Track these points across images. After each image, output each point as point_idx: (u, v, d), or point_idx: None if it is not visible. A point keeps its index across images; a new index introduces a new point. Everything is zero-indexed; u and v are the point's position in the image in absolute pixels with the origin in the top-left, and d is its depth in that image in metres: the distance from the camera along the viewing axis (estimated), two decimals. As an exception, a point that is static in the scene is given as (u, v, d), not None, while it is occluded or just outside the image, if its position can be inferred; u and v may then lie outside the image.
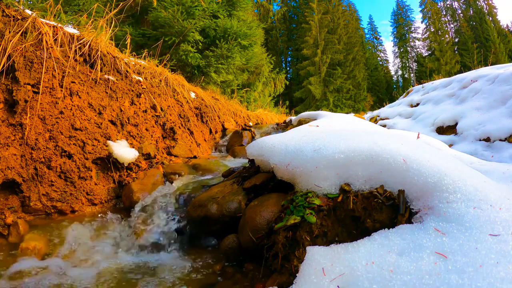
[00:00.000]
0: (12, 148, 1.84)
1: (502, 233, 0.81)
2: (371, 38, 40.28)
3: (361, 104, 25.50)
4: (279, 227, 1.25)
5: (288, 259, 1.18)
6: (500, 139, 2.88)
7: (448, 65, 26.85)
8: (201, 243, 1.71)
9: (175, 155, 2.83)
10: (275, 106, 11.30)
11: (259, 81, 9.64)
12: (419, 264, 0.80)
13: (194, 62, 4.95)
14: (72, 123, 2.09)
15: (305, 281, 0.90)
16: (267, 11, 23.81)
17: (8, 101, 1.89)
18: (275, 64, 13.04)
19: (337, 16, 27.50)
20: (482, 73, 4.20)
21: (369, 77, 31.56)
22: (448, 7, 34.53)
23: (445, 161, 1.14)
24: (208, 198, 1.73)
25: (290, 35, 30.67)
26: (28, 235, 1.71)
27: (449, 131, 3.65)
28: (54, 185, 1.97)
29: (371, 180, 1.17)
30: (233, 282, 1.32)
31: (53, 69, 2.08)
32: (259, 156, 1.72)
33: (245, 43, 5.47)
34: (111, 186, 2.25)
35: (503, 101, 3.28)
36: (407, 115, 4.96)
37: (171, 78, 3.40)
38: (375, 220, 1.09)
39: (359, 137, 1.40)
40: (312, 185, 1.28)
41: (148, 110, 2.77)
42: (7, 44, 1.87)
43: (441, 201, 0.96)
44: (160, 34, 4.66)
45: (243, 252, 1.45)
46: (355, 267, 0.87)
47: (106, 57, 2.51)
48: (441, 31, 31.64)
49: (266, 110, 7.75)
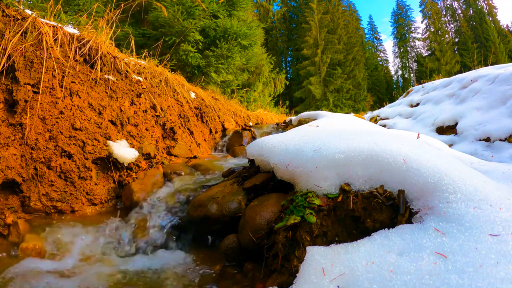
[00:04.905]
0: (12, 148, 1.84)
1: (502, 233, 0.81)
2: (371, 38, 40.29)
3: (361, 104, 25.50)
4: (279, 227, 1.25)
5: (288, 259, 1.18)
6: (500, 139, 2.88)
7: (448, 65, 26.84)
8: (201, 243, 1.71)
9: (175, 155, 2.83)
10: (275, 106, 11.29)
11: (259, 81, 9.64)
12: (419, 264, 0.80)
13: (194, 62, 4.95)
14: (72, 123, 2.09)
15: (305, 281, 0.90)
16: (267, 11, 23.81)
17: (8, 101, 1.89)
18: (275, 64, 13.04)
19: (337, 16, 27.50)
20: (482, 73, 4.19)
21: (369, 77, 31.56)
22: (448, 7, 34.53)
23: (445, 161, 1.14)
24: (208, 198, 1.73)
25: (290, 35, 30.67)
26: (28, 235, 1.70)
27: (449, 131, 3.65)
28: (54, 185, 1.97)
29: (371, 180, 1.17)
30: (233, 282, 1.32)
31: (53, 69, 2.08)
32: (259, 156, 1.72)
33: (245, 43, 5.47)
34: (111, 186, 2.25)
35: (503, 101, 3.28)
36: (407, 115, 4.96)
37: (171, 78, 3.40)
38: (375, 220, 1.09)
39: (359, 137, 1.40)
40: (312, 185, 1.28)
41: (148, 110, 2.77)
42: (7, 44, 1.87)
43: (441, 201, 0.96)
44: (160, 34, 4.66)
45: (243, 252, 1.45)
46: (355, 267, 0.87)
47: (106, 57, 2.51)
48: (441, 31, 31.63)
49: (266, 110, 7.75)
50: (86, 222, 1.93)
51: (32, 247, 1.61)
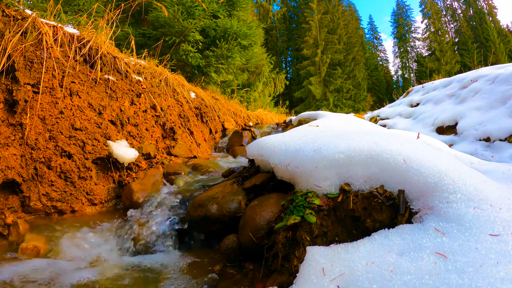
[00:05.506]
0: (12, 148, 1.84)
1: (502, 233, 0.81)
2: (371, 38, 40.32)
3: (361, 104, 25.50)
4: (279, 227, 1.25)
5: (288, 259, 1.18)
6: (500, 139, 2.88)
7: (448, 65, 26.84)
8: (201, 243, 1.71)
9: (175, 155, 2.83)
10: (275, 106, 11.30)
11: (259, 81, 9.63)
12: (419, 264, 0.80)
13: (194, 62, 4.95)
14: (72, 123, 2.09)
15: (305, 281, 0.90)
16: (267, 11, 23.82)
17: (8, 101, 1.89)
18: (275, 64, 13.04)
19: (337, 16, 27.51)
20: (482, 73, 4.20)
21: (369, 77, 31.58)
22: (448, 7, 34.55)
23: (445, 161, 1.14)
24: (208, 198, 1.73)
25: (290, 35, 30.69)
26: (28, 235, 1.70)
27: (449, 131, 3.65)
28: (54, 185, 1.97)
29: (371, 180, 1.17)
30: (233, 282, 1.32)
31: (53, 69, 2.08)
32: (259, 156, 1.72)
33: (245, 43, 5.47)
34: (111, 186, 2.25)
35: (503, 101, 3.28)
36: (407, 115, 4.96)
37: (171, 78, 3.40)
38: (375, 220, 1.09)
39: (359, 137, 1.40)
40: (312, 185, 1.28)
41: (148, 110, 2.77)
42: (7, 44, 1.87)
43: (441, 201, 0.96)
44: (160, 34, 4.65)
45: (243, 252, 1.45)
46: (355, 267, 0.87)
47: (106, 57, 2.51)
48: (441, 31, 31.63)
49: (266, 110, 7.75)
50: (86, 222, 1.93)
51: (32, 247, 1.61)
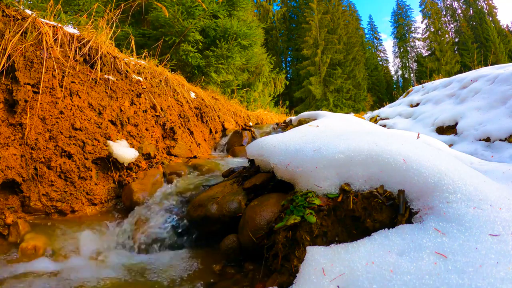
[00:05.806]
0: (12, 148, 1.84)
1: (502, 233, 0.81)
2: (371, 38, 40.31)
3: (361, 104, 25.50)
4: (279, 227, 1.25)
5: (288, 259, 1.18)
6: (500, 139, 2.88)
7: (448, 65, 26.84)
8: (201, 243, 1.71)
9: (175, 155, 2.83)
10: (275, 106, 11.30)
11: (259, 81, 9.63)
12: (419, 264, 0.80)
13: (194, 62, 4.95)
14: (72, 123, 2.09)
15: (305, 281, 0.90)
16: (267, 11, 23.82)
17: (8, 101, 1.89)
18: (275, 64, 13.04)
19: (337, 16, 27.50)
20: (482, 73, 4.20)
21: (369, 77, 31.57)
22: (448, 7, 34.54)
23: (445, 161, 1.14)
24: (208, 198, 1.73)
25: (290, 35, 30.68)
26: (28, 235, 1.70)
27: (449, 131, 3.65)
28: (54, 185, 1.97)
29: (371, 180, 1.17)
30: (233, 282, 1.32)
31: (53, 69, 2.08)
32: (259, 156, 1.72)
33: (245, 43, 5.47)
34: (111, 186, 2.25)
35: (503, 101, 3.28)
36: (407, 115, 4.96)
37: (171, 78, 3.40)
38: (375, 220, 1.09)
39: (359, 137, 1.40)
40: (312, 185, 1.28)
41: (148, 110, 2.77)
42: (7, 44, 1.87)
43: (441, 201, 0.96)
44: (160, 34, 4.65)
45: (243, 252, 1.45)
46: (355, 267, 0.87)
47: (106, 57, 2.51)
48: (441, 31, 31.62)
49: (266, 110, 7.75)
50: (86, 222, 1.93)
51: (32, 247, 1.61)
